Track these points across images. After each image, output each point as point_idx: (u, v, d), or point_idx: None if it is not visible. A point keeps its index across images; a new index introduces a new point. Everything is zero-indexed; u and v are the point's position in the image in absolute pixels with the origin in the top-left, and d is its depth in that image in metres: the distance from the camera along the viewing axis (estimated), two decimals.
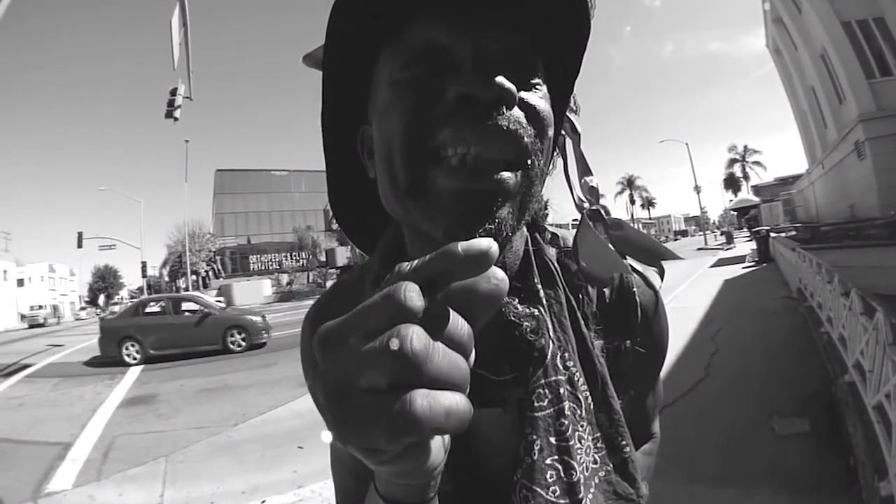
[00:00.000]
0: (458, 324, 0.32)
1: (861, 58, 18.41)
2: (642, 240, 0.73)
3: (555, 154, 0.73)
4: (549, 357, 0.58)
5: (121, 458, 5.42)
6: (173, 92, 17.44)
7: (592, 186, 0.75)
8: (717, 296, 11.25)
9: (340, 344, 0.31)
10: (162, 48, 13.86)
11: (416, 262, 0.33)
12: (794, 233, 20.88)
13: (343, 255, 53.83)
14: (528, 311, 0.60)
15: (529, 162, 0.54)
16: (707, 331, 7.85)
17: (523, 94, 0.54)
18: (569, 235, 0.72)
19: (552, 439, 0.56)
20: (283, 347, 12.19)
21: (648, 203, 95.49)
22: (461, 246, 0.32)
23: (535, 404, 0.57)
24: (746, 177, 70.08)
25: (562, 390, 0.58)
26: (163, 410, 7.38)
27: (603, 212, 0.73)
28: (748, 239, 31.18)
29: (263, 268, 59.60)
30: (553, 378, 0.58)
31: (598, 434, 0.60)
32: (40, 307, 54.62)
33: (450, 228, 0.51)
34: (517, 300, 0.61)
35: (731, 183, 72.80)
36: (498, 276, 0.34)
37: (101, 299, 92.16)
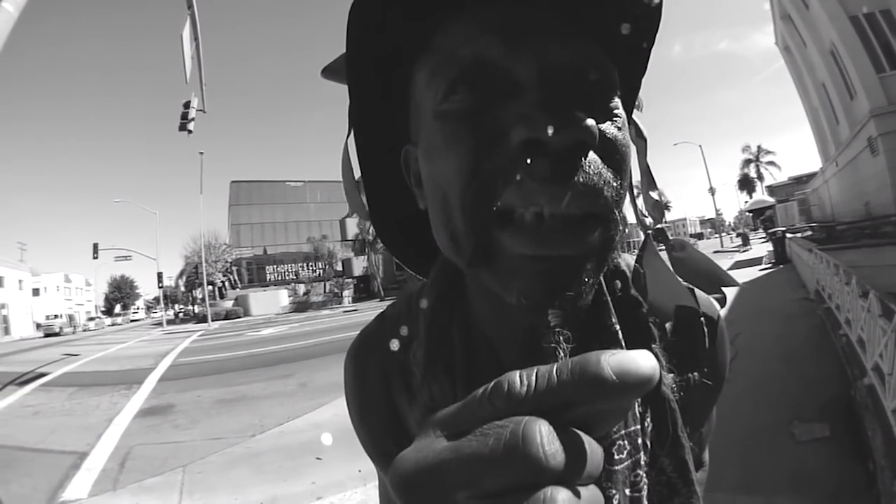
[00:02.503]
0: (594, 454, 0.25)
1: (870, 52, 18.32)
2: (705, 263, 0.66)
3: None
4: None
5: (137, 468, 5.43)
6: (186, 105, 17.66)
7: (657, 201, 0.68)
8: (735, 299, 11.12)
9: (441, 501, 0.24)
10: (175, 60, 13.98)
11: (535, 380, 0.25)
12: (809, 233, 20.72)
13: (359, 265, 54.08)
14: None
15: (611, 214, 0.44)
16: (727, 335, 7.77)
17: (602, 127, 0.44)
18: (630, 260, 0.64)
19: (627, 491, 0.51)
20: (300, 358, 12.14)
21: (664, 206, 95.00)
22: (612, 367, 0.24)
23: (616, 457, 0.51)
24: (761, 177, 69.61)
25: (640, 440, 0.52)
26: (180, 421, 7.39)
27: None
28: (764, 240, 30.88)
29: (280, 278, 59.90)
30: (633, 428, 0.52)
31: (662, 478, 0.54)
32: (56, 316, 54.68)
33: (527, 297, 0.43)
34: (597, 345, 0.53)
35: (746, 184, 72.35)
36: None
37: (118, 309, 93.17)
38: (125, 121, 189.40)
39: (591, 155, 0.42)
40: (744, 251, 30.81)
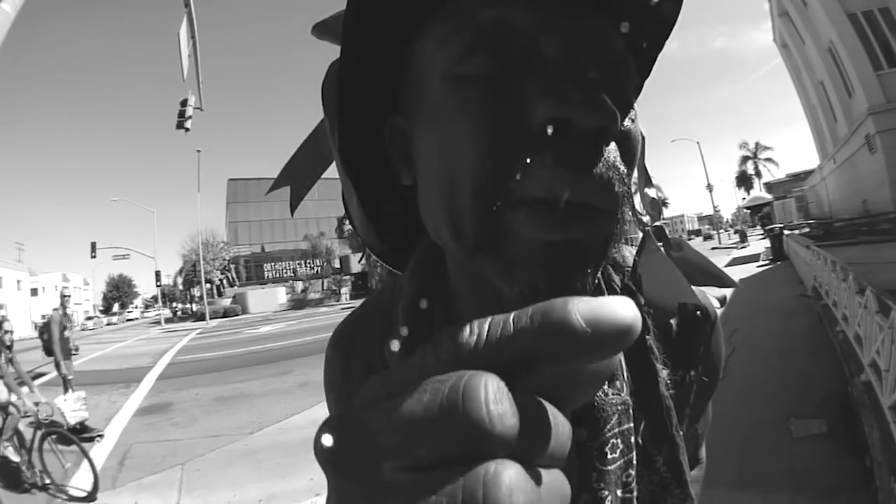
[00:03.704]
0: (559, 429, 0.21)
1: (868, 50, 18.34)
2: (702, 262, 0.63)
3: None
4: (621, 405, 0.50)
5: (137, 466, 5.44)
6: (184, 103, 17.59)
7: (654, 199, 0.65)
8: (733, 296, 11.13)
9: (367, 473, 0.19)
10: (172, 59, 13.98)
11: (488, 328, 0.21)
12: (807, 230, 20.75)
13: (357, 261, 54.00)
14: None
15: (619, 209, 0.41)
16: (723, 332, 7.77)
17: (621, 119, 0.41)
18: (628, 254, 0.62)
19: (619, 492, 0.48)
20: (298, 355, 12.21)
21: (662, 203, 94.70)
22: (581, 314, 0.19)
23: (609, 456, 0.47)
24: (759, 174, 69.55)
25: (633, 439, 0.49)
26: (178, 419, 7.41)
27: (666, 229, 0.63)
28: (762, 237, 30.94)
29: (278, 276, 59.76)
30: (626, 426, 0.50)
31: (655, 477, 0.52)
32: None
33: (532, 287, 0.38)
34: None
35: (744, 180, 72.23)
36: None
37: (116, 308, 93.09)
38: (122, 119, 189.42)
39: (612, 144, 0.39)
40: (741, 248, 30.85)
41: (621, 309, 0.20)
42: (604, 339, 0.19)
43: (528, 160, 0.37)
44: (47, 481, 4.69)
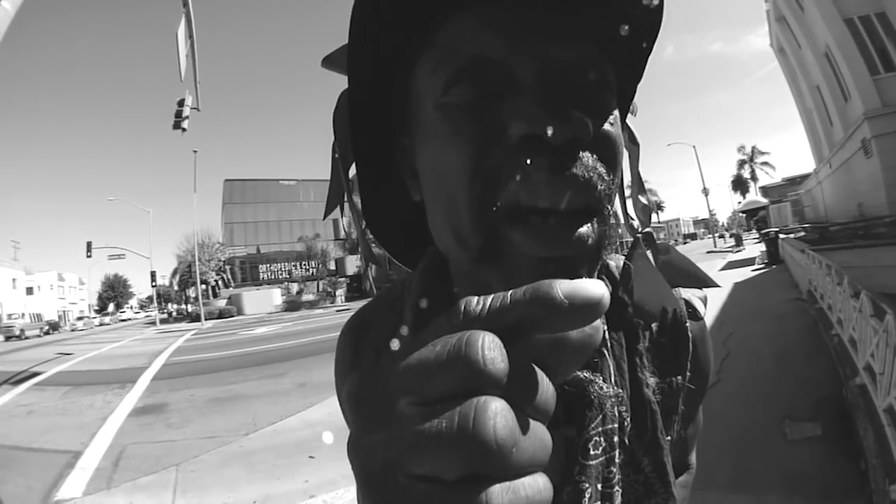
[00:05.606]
0: (545, 388, 0.25)
1: (865, 54, 18.32)
2: (687, 266, 0.66)
3: None
4: (608, 405, 0.53)
5: (131, 466, 5.42)
6: (181, 103, 17.62)
7: (646, 205, 0.69)
8: (728, 299, 11.17)
9: (384, 409, 0.24)
10: (170, 59, 13.98)
11: (490, 300, 0.26)
12: (802, 234, 20.76)
13: (352, 264, 53.95)
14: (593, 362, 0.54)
15: (604, 208, 0.46)
16: (718, 335, 7.78)
17: (597, 124, 0.45)
18: (615, 259, 0.66)
19: (599, 486, 0.52)
20: (293, 357, 12.13)
21: (657, 207, 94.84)
22: (562, 290, 0.24)
23: (591, 452, 0.51)
24: (755, 178, 69.81)
25: (616, 438, 0.53)
26: (173, 420, 7.37)
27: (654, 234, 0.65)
28: (757, 241, 31.00)
29: (273, 277, 59.82)
30: (610, 426, 0.53)
31: (640, 477, 0.56)
32: (20, 315, 49.71)
33: None
34: None
35: (740, 184, 72.61)
36: (594, 325, 0.27)
37: (111, 308, 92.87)
38: (120, 119, 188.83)
39: (586, 150, 0.43)
40: (737, 251, 30.92)
41: (593, 287, 0.24)
42: (577, 309, 0.24)
43: (512, 172, 0.42)
44: None
